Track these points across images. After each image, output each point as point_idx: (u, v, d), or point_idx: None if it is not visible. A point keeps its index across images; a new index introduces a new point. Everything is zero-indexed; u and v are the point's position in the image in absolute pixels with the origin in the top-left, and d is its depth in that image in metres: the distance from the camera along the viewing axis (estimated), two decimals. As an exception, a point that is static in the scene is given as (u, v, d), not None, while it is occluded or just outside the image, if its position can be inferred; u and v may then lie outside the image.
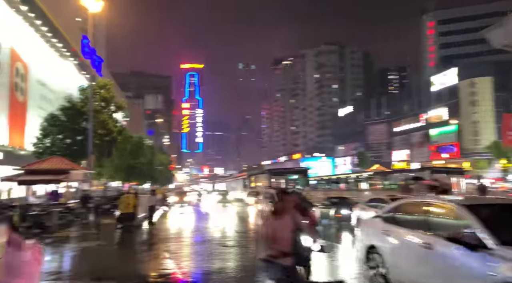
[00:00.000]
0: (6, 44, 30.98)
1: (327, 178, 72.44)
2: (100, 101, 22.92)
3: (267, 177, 34.96)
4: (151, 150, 50.63)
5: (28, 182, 15.42)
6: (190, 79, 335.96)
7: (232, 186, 57.81)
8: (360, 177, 54.79)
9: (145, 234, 13.70)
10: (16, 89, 33.64)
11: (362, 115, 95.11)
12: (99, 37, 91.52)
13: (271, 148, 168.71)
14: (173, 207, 27.78)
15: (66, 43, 43.16)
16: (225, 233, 13.52)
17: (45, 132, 21.37)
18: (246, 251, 9.57)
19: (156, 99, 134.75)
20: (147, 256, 9.34)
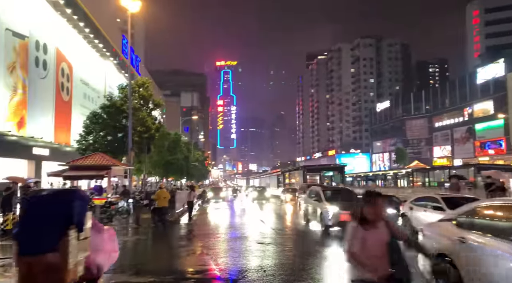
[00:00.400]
0: (52, 45, 32.64)
1: (364, 174, 70.80)
2: (139, 99, 23.57)
3: (302, 173, 34.67)
4: (187, 146, 51.78)
5: (72, 177, 16.16)
6: (224, 77, 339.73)
7: (266, 182, 57.88)
8: (399, 174, 53.04)
9: (182, 229, 13.95)
10: (62, 89, 35.39)
11: (400, 110, 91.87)
12: (137, 37, 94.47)
13: (305, 144, 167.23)
14: (208, 203, 28.20)
15: (107, 43, 44.84)
16: (261, 230, 13.45)
17: (88, 130, 22.30)
18: (283, 249, 9.46)
19: (192, 96, 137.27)
20: (183, 251, 9.48)
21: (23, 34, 28.11)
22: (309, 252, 8.93)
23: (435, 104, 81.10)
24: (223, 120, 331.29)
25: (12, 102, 26.67)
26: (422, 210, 10.34)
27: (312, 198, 13.91)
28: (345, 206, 11.62)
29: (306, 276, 6.52)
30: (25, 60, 28.45)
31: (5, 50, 25.93)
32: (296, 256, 8.55)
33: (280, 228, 13.84)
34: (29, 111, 28.58)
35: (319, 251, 9.26)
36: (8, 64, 26.28)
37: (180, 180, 49.97)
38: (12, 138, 26.20)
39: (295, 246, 10.17)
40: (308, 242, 11.07)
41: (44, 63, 31.47)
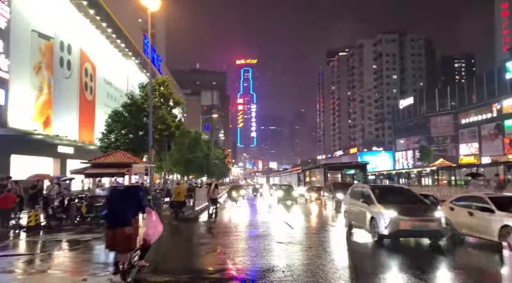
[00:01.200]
0: (76, 45, 33.39)
1: (387, 172, 69.30)
2: (159, 98, 23.75)
3: (323, 171, 34.22)
4: (207, 144, 52.07)
5: (94, 175, 16.41)
6: (244, 75, 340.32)
7: (287, 181, 57.58)
8: (424, 172, 51.63)
9: (201, 227, 13.91)
10: (86, 89, 36.19)
11: (424, 107, 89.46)
12: (158, 37, 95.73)
13: (326, 142, 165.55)
14: (229, 201, 28.16)
15: (129, 43, 45.57)
16: (281, 228, 13.23)
17: (110, 128, 22.63)
18: (302, 248, 9.23)
19: (212, 95, 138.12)
20: (201, 250, 9.39)
21: (48, 35, 28.85)
22: (341, 257, 8.52)
23: (461, 100, 78.49)
24: (243, 119, 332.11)
25: (38, 102, 27.43)
26: (465, 211, 9.56)
27: (357, 199, 11.29)
28: (406, 210, 9.42)
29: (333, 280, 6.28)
30: (50, 60, 29.22)
31: (31, 51, 26.67)
32: (320, 257, 8.27)
33: (299, 227, 13.56)
34: (54, 111, 29.35)
35: (356, 257, 8.41)
36: (34, 64, 27.03)
37: (200, 178, 50.32)
38: (38, 137, 26.97)
39: (322, 247, 9.85)
40: (345, 245, 10.16)
41: (69, 63, 32.25)
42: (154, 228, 6.41)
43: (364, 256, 8.72)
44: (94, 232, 11.69)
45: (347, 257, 8.24)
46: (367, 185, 13.13)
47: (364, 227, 10.42)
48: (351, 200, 11.97)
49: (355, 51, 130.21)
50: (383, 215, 9.35)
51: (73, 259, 8.41)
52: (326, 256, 8.24)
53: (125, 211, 5.96)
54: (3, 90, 22.66)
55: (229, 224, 15.02)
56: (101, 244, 10.09)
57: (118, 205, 6.02)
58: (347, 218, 11.99)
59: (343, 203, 12.70)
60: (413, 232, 9.27)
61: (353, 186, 13.38)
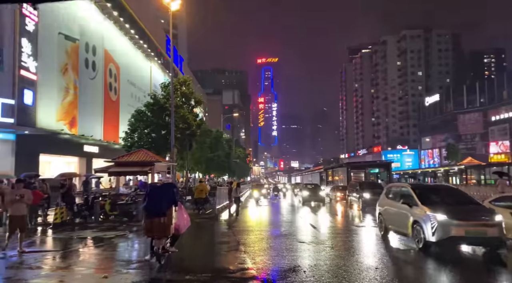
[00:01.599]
0: (100, 47, 34.14)
1: (412, 172, 67.55)
2: (181, 97, 23.94)
3: (345, 170, 33.60)
4: (228, 143, 52.29)
5: (117, 173, 16.66)
6: (265, 74, 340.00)
7: (308, 180, 57.05)
8: (451, 171, 50.02)
9: (222, 225, 13.86)
10: (110, 89, 36.98)
11: (451, 104, 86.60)
12: (180, 38, 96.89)
13: (349, 141, 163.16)
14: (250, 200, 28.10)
15: (151, 44, 46.27)
16: (303, 228, 13.03)
17: (133, 127, 22.99)
18: (324, 248, 9.00)
19: (233, 94, 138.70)
20: (223, 248, 9.29)
21: (74, 37, 29.62)
22: (368, 259, 8.06)
23: (491, 97, 75.52)
24: (264, 118, 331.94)
25: (65, 103, 28.20)
26: (507, 212, 8.70)
27: (395, 200, 9.86)
28: (458, 212, 8.11)
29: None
30: (76, 62, 30.00)
31: (58, 53, 27.46)
32: (344, 258, 8.03)
33: (321, 226, 13.30)
34: (80, 111, 30.12)
35: (384, 259, 7.95)
36: (61, 66, 27.82)
37: (221, 177, 50.58)
38: (65, 136, 27.74)
39: (347, 248, 9.59)
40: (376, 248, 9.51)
41: (93, 64, 33.01)
42: (184, 220, 7.64)
43: (402, 263, 7.90)
44: (117, 230, 11.83)
45: (378, 260, 7.71)
46: (407, 183, 11.55)
47: (405, 232, 9.07)
48: (387, 201, 10.55)
49: (378, 48, 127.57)
50: (430, 219, 8.04)
51: (96, 256, 8.51)
52: (349, 257, 7.97)
53: (161, 204, 7.08)
54: (31, 92, 23.42)
55: (250, 222, 14.91)
56: (123, 241, 10.21)
57: (155, 199, 7.16)
58: (382, 221, 10.51)
59: (378, 204, 11.40)
60: (468, 239, 7.89)
61: (390, 185, 11.97)
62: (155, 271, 6.65)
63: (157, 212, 7.01)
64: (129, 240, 10.44)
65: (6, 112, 21.12)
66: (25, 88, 22.93)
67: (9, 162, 22.04)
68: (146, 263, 7.17)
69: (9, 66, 21.95)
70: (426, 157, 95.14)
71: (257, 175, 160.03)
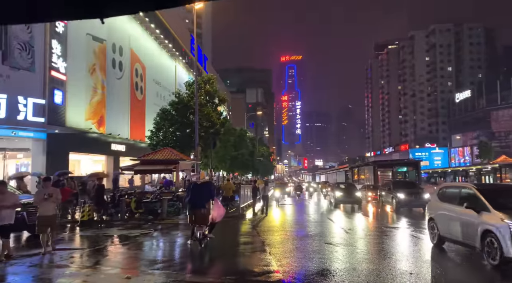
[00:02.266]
0: (127, 47, 34.73)
1: (441, 170, 65.28)
2: (205, 95, 23.96)
3: (372, 169, 32.79)
4: (252, 141, 52.18)
5: (142, 171, 16.80)
6: (289, 72, 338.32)
7: (333, 178, 56.19)
8: (484, 170, 48.00)
9: (247, 224, 13.68)
10: (136, 89, 37.59)
11: (483, 100, 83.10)
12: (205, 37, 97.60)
13: (375, 139, 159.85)
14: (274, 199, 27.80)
15: (176, 44, 46.75)
16: (330, 229, 12.65)
17: (158, 126, 23.20)
18: (353, 250, 8.64)
19: (256, 93, 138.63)
20: (247, 249, 9.09)
21: (102, 38, 30.22)
22: (406, 264, 7.57)
23: (527, 92, 71.91)
24: (288, 116, 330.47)
25: (93, 102, 28.85)
26: None
27: (454, 203, 8.32)
28: None
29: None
30: (103, 62, 30.62)
31: (86, 53, 28.09)
32: (374, 262, 7.66)
33: (349, 228, 12.86)
34: (107, 110, 30.73)
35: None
36: (89, 66, 28.46)
37: (245, 175, 50.55)
38: (93, 135, 28.39)
39: (379, 251, 9.18)
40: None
41: (120, 64, 33.62)
42: (220, 210, 9.27)
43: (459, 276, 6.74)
44: (142, 228, 11.87)
45: (422, 267, 7.12)
46: (469, 183, 9.46)
47: (471, 243, 7.48)
48: (442, 204, 8.89)
49: (406, 43, 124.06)
50: (510, 229, 6.44)
51: (120, 255, 8.50)
52: (381, 261, 7.58)
53: (201, 198, 8.62)
54: (61, 92, 24.05)
55: (274, 222, 14.66)
56: (148, 240, 10.20)
57: (197, 194, 8.67)
58: (435, 228, 8.90)
59: (428, 208, 9.87)
60: None
61: (444, 185, 10.31)
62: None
63: (199, 205, 8.52)
64: (154, 239, 10.44)
65: (37, 112, 21.76)
66: (55, 89, 23.56)
67: (41, 160, 22.73)
68: (170, 262, 7.33)
69: (40, 67, 22.61)
70: (456, 155, 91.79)
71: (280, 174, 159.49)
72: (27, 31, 21.93)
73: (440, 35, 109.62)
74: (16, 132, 21.27)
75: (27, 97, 21.34)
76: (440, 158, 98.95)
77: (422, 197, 18.23)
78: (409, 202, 18.35)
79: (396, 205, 18.48)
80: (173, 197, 14.98)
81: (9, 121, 20.50)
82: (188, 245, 8.84)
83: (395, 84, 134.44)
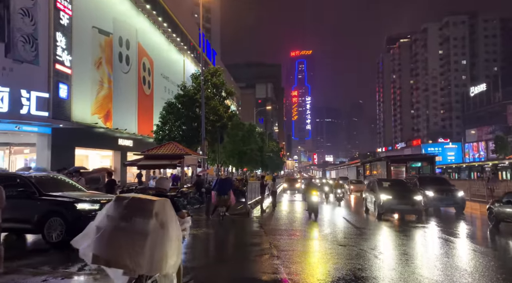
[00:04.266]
0: (134, 41, 34.17)
1: (456, 165, 63.69)
2: (212, 88, 23.27)
3: (385, 164, 31.76)
4: (261, 136, 51.43)
5: (146, 166, 16.21)
6: (299, 67, 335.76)
7: (344, 174, 55.15)
8: (501, 165, 46.53)
9: (254, 223, 12.96)
10: (144, 83, 37.08)
11: (499, 94, 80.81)
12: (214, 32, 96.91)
13: (386, 134, 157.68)
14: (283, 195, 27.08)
15: (184, 38, 46.12)
16: (343, 229, 11.86)
17: (164, 120, 22.61)
18: (374, 255, 7.81)
19: (266, 88, 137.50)
20: (252, 252, 8.30)
21: (108, 31, 29.68)
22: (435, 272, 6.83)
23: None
24: (298, 111, 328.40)
25: (99, 96, 28.37)
26: None
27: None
28: None
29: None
30: (110, 56, 30.10)
31: (92, 46, 27.58)
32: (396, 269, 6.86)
33: (363, 227, 12.05)
34: (114, 105, 30.24)
35: None
36: (95, 60, 27.96)
37: (255, 171, 49.88)
38: (99, 130, 27.95)
39: (402, 255, 8.36)
40: None
41: (127, 58, 33.07)
42: (233, 198, 13.27)
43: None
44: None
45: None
46: None
47: None
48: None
49: (419, 37, 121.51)
50: None
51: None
52: (404, 267, 6.79)
53: (225, 188, 12.84)
54: (66, 85, 23.57)
55: (283, 220, 13.90)
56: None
57: (222, 185, 12.91)
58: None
59: (495, 206, 8.49)
60: None
61: None
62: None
63: (223, 193, 12.71)
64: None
65: (41, 106, 21.32)
66: (60, 82, 23.09)
67: (46, 155, 22.35)
68: None
69: (44, 61, 22.13)
70: (471, 150, 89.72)
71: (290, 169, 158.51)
72: (31, 23, 21.47)
73: (454, 28, 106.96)
74: (20, 126, 20.88)
75: (31, 90, 20.91)
76: (454, 153, 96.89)
77: (455, 194, 16.16)
78: (440, 201, 16.16)
79: (423, 204, 15.66)
80: (177, 193, 14.33)
81: (12, 115, 20.10)
82: (210, 219, 12.66)
83: (407, 79, 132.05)
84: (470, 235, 10.95)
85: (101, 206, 8.21)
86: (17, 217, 8.15)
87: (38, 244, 8.48)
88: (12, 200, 8.20)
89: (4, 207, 6.08)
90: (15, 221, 8.12)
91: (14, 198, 8.24)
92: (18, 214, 8.19)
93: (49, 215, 8.10)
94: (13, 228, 8.49)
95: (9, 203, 8.08)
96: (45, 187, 8.71)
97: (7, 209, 6.66)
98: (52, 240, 7.94)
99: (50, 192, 8.59)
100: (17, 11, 20.84)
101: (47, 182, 9.16)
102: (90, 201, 8.33)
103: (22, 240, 9.10)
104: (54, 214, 8.10)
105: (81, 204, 8.13)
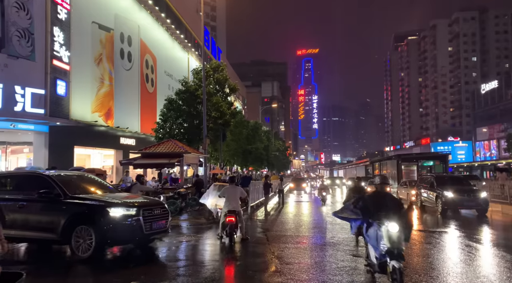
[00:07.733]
0: (136, 37, 33.34)
1: (467, 164, 62.15)
2: (214, 84, 22.30)
3: (395, 163, 30.57)
4: (267, 135, 50.40)
5: (142, 165, 15.32)
6: (305, 65, 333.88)
7: (352, 173, 53.92)
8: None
9: (256, 227, 11.93)
10: (147, 81, 36.25)
11: (511, 91, 78.88)
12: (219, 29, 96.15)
13: (394, 133, 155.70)
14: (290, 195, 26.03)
15: (189, 35, 45.26)
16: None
17: (165, 117, 21.73)
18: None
19: (272, 86, 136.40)
20: (252, 265, 7.18)
21: (109, 26, 28.88)
22: None
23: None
24: (304, 110, 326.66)
25: (100, 94, 27.57)
26: None
27: None
28: None
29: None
30: (111, 52, 29.29)
31: (92, 42, 26.78)
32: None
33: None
34: (116, 102, 29.43)
35: None
36: (95, 56, 27.15)
37: (260, 170, 48.87)
38: (100, 129, 27.14)
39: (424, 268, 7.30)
40: None
41: (129, 55, 32.25)
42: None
43: None
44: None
45: None
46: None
47: None
48: None
49: (427, 34, 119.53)
50: None
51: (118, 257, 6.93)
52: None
53: (245, 183, 15.48)
54: (64, 82, 22.78)
55: (288, 225, 12.81)
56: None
57: (244, 181, 16.40)
58: None
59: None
60: None
61: None
62: None
63: (245, 184, 14.91)
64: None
65: (37, 103, 20.54)
66: (57, 79, 22.29)
67: (43, 154, 21.57)
68: None
69: (40, 56, 21.35)
70: (482, 148, 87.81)
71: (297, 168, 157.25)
72: (26, 17, 20.69)
73: (464, 24, 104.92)
74: (15, 124, 20.11)
75: (26, 87, 20.12)
76: (464, 151, 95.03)
77: (477, 195, 14.70)
78: (461, 203, 14.65)
79: (442, 206, 14.83)
80: (174, 194, 13.37)
81: (6, 113, 19.32)
82: None
83: (416, 76, 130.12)
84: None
85: (138, 211, 6.99)
86: (39, 225, 7.06)
87: (60, 259, 7.41)
88: (33, 204, 7.23)
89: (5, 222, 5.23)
90: (37, 229, 7.03)
91: (36, 202, 7.17)
92: (40, 221, 7.10)
93: (77, 223, 6.92)
94: (34, 238, 7.34)
95: (29, 207, 7.16)
96: (71, 187, 7.50)
97: (26, 215, 6.10)
98: (79, 254, 6.77)
99: (77, 193, 7.42)
100: (12, 4, 20.06)
101: (73, 181, 7.96)
102: (124, 204, 7.05)
103: (41, 252, 7.91)
104: (82, 221, 6.93)
105: (114, 209, 6.87)
